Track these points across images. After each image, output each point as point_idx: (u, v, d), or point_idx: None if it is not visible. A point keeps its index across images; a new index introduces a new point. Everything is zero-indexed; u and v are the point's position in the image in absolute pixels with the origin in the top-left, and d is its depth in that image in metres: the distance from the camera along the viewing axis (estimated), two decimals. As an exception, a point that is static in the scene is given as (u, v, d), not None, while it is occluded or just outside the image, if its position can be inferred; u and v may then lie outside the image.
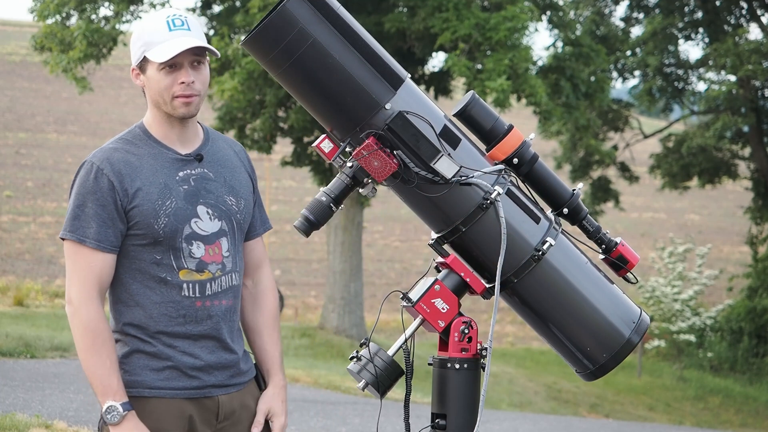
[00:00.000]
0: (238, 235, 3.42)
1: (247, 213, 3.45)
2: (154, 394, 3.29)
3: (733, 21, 27.19)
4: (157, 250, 3.28)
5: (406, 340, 3.58)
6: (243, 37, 7.61)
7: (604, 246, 3.72)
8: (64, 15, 20.17)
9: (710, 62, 26.29)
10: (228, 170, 3.44)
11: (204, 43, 3.32)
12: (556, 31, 21.97)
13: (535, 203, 3.63)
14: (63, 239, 3.31)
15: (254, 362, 3.54)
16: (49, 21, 20.18)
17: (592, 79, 21.59)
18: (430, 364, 3.61)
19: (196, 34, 3.34)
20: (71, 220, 3.27)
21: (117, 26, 20.08)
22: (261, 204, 3.57)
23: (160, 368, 3.30)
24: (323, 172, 21.58)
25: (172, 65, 3.28)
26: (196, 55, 3.33)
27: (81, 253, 3.25)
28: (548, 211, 3.67)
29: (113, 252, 3.27)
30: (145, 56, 3.30)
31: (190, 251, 3.31)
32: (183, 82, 3.30)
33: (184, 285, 3.29)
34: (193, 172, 3.37)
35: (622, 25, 27.48)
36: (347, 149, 3.55)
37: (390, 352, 3.56)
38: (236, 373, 3.42)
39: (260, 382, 3.53)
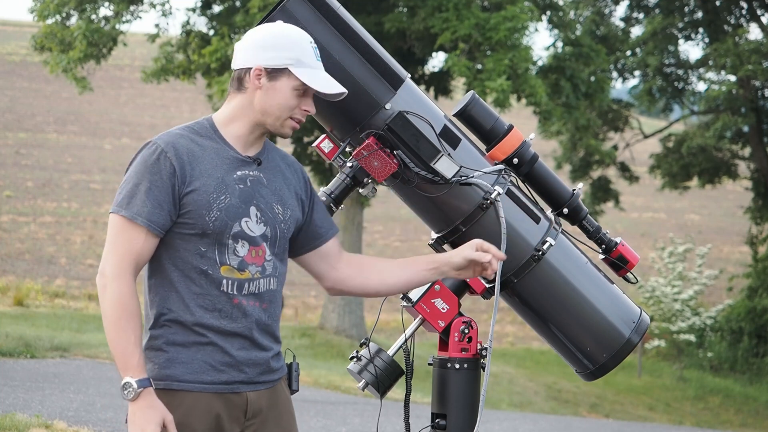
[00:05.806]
0: (280, 243, 3.40)
1: (291, 223, 3.43)
2: (182, 387, 3.29)
3: (733, 21, 27.19)
4: (203, 243, 3.30)
5: (406, 340, 3.58)
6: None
7: (604, 246, 3.71)
8: (64, 15, 20.17)
9: (710, 62, 26.28)
10: (280, 180, 3.45)
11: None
12: (556, 31, 21.97)
13: (535, 203, 3.63)
14: (112, 213, 3.31)
15: (286, 362, 3.52)
16: (49, 21, 20.18)
17: (592, 79, 21.58)
18: (430, 364, 3.61)
19: None
20: (127, 197, 3.28)
21: (117, 26, 20.07)
22: (323, 209, 3.54)
23: (189, 361, 3.30)
24: (323, 172, 21.58)
25: (304, 90, 3.35)
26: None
27: (128, 229, 3.27)
28: (548, 211, 3.67)
29: (158, 236, 3.29)
30: (288, 68, 3.32)
31: (235, 249, 3.32)
32: (306, 110, 3.38)
33: (224, 281, 3.30)
34: (250, 173, 3.39)
35: (622, 25, 27.47)
36: (347, 149, 3.55)
37: (390, 352, 3.56)
38: (266, 371, 3.39)
39: (291, 382, 3.50)
